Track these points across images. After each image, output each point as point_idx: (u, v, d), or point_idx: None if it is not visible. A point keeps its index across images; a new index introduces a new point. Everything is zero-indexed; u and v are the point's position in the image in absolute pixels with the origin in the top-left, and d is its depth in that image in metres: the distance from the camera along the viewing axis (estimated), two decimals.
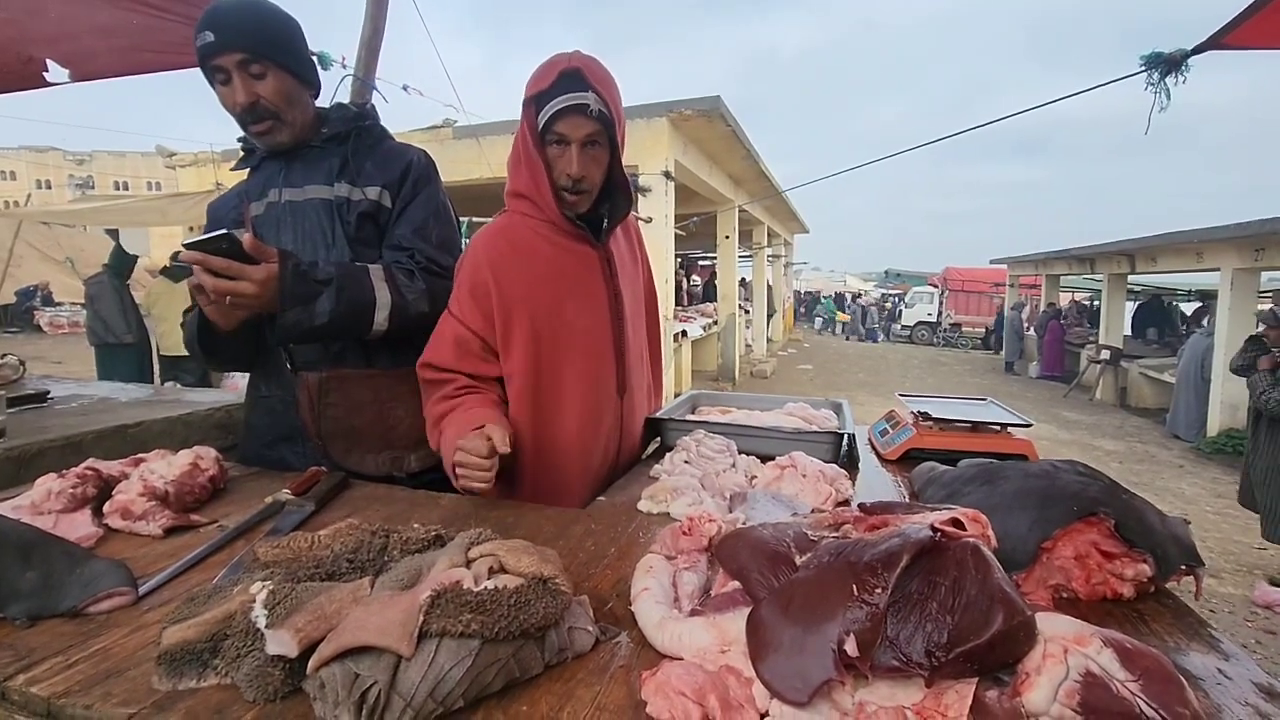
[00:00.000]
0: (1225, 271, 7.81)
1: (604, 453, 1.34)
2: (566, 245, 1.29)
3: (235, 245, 1.09)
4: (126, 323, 5.87)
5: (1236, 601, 3.78)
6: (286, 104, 1.28)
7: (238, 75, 1.22)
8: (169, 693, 0.58)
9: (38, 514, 0.89)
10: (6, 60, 2.17)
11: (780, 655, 0.55)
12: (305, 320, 1.16)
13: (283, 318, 1.15)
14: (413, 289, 1.28)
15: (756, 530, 0.71)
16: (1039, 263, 14.91)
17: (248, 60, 1.22)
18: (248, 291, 1.10)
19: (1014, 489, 0.84)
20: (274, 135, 1.30)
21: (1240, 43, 1.75)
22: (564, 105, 1.16)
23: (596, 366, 1.32)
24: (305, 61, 1.33)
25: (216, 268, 1.08)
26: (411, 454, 1.37)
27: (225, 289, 1.09)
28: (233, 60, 1.21)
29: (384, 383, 1.35)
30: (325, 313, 1.17)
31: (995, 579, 0.54)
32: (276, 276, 1.12)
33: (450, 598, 0.57)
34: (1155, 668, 0.49)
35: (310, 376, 1.32)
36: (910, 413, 1.46)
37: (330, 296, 1.18)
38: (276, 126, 1.29)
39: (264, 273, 1.11)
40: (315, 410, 1.33)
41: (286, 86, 1.27)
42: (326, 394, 1.33)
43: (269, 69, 1.24)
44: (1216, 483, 6.25)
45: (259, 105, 1.25)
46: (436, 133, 7.84)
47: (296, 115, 1.31)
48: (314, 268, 1.18)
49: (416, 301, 1.28)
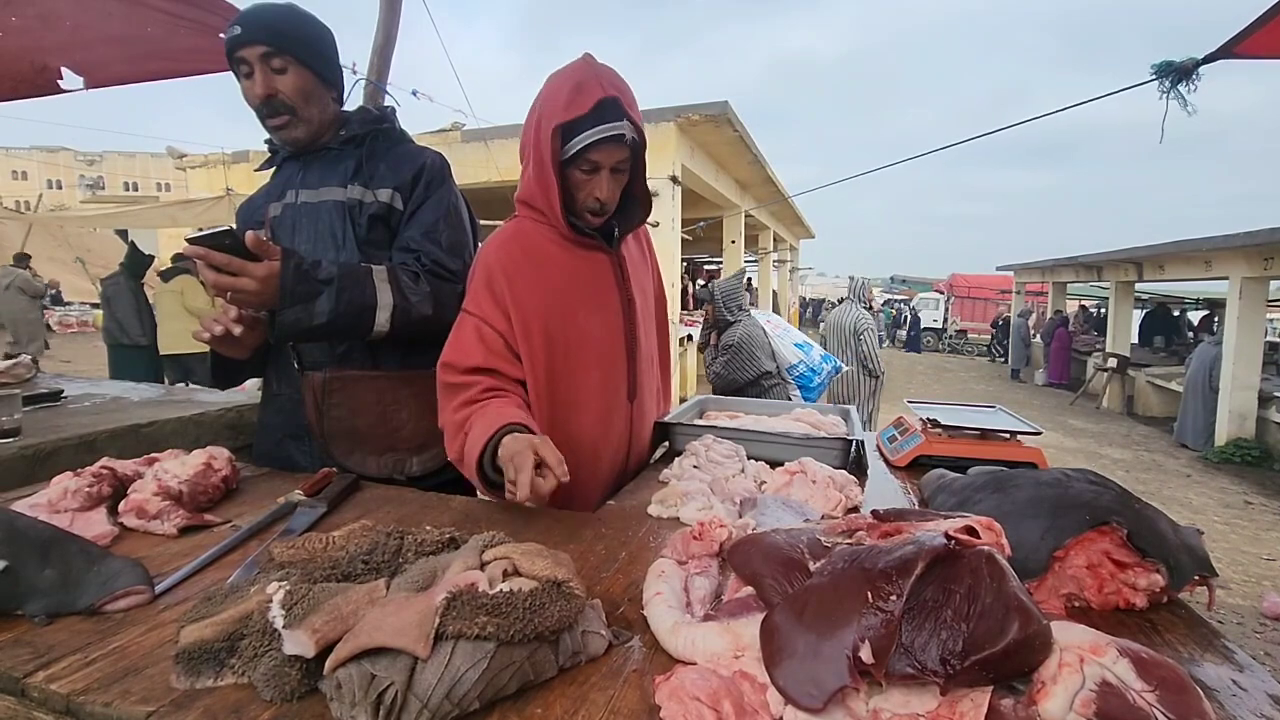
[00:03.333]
0: (1234, 280, 7.77)
1: (614, 457, 1.35)
2: (579, 252, 1.29)
3: (238, 242, 1.10)
4: (141, 324, 5.92)
5: (1245, 613, 3.75)
6: (304, 100, 1.29)
7: (259, 68, 1.25)
8: (187, 691, 0.58)
9: (54, 512, 0.90)
10: (22, 69, 2.20)
11: (795, 661, 0.55)
12: (305, 319, 1.17)
13: (282, 316, 1.16)
14: (417, 291, 1.27)
15: (770, 536, 0.71)
16: (1046, 270, 14.86)
17: (270, 54, 1.24)
18: (248, 288, 1.11)
19: (1026, 497, 0.84)
20: (289, 130, 1.31)
21: (1251, 52, 1.74)
22: (603, 136, 1.14)
23: (609, 372, 1.32)
24: (329, 62, 1.34)
25: (218, 263, 1.09)
26: (414, 457, 1.37)
27: (227, 284, 1.10)
28: (255, 53, 1.24)
29: (388, 385, 1.36)
30: (325, 312, 1.18)
31: (1010, 587, 0.54)
32: (278, 274, 1.13)
33: (466, 600, 0.57)
34: (1171, 678, 0.49)
35: (315, 376, 1.33)
36: (919, 419, 1.46)
37: (330, 296, 1.18)
38: (293, 122, 1.30)
39: (265, 270, 1.12)
40: (319, 410, 1.34)
41: (306, 83, 1.29)
42: (330, 394, 1.33)
43: (290, 64, 1.26)
44: (1224, 492, 6.20)
45: (276, 99, 1.27)
46: (445, 136, 7.88)
47: (314, 113, 1.32)
48: (316, 267, 1.18)
49: (420, 304, 1.27)
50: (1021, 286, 17.05)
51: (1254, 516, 5.46)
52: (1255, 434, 7.45)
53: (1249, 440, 7.40)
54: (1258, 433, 7.46)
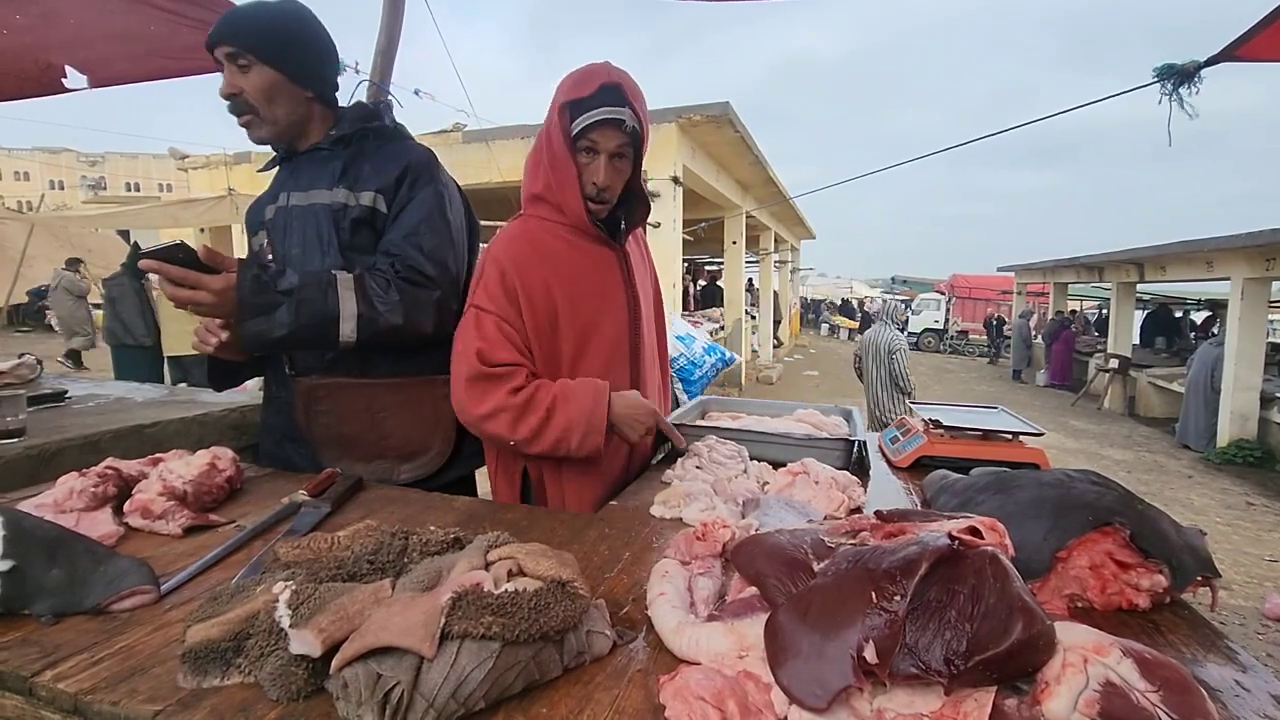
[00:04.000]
0: (1235, 281, 7.77)
1: (614, 452, 1.35)
2: (586, 247, 1.32)
3: (191, 255, 1.11)
4: (145, 325, 5.92)
5: (1247, 613, 3.74)
6: (266, 100, 1.28)
7: (226, 67, 1.26)
8: (193, 690, 0.59)
9: (60, 512, 0.91)
10: (26, 66, 2.21)
11: (799, 661, 0.55)
12: (266, 330, 1.16)
13: (244, 327, 1.15)
14: (386, 300, 1.23)
15: (774, 536, 0.71)
16: (1047, 270, 14.86)
17: (234, 53, 1.25)
18: (205, 300, 1.11)
19: (1029, 498, 0.84)
20: (254, 130, 1.31)
21: (1253, 55, 1.74)
22: (602, 117, 1.20)
23: (613, 367, 1.33)
24: (301, 62, 1.31)
25: (174, 277, 1.10)
26: (402, 464, 1.36)
27: (184, 298, 1.11)
28: (223, 52, 1.25)
29: (376, 392, 1.34)
30: (285, 324, 1.16)
31: (1014, 588, 0.54)
32: (234, 286, 1.12)
33: (471, 600, 0.58)
34: (1175, 678, 0.49)
35: (303, 382, 1.33)
36: (921, 420, 1.46)
37: (290, 308, 1.16)
38: (255, 122, 1.30)
39: (222, 282, 1.12)
40: (308, 416, 1.34)
41: (270, 83, 1.27)
42: (317, 401, 1.33)
43: (253, 64, 1.26)
44: (1226, 493, 6.20)
45: (240, 98, 1.27)
46: (446, 136, 7.89)
47: (279, 113, 1.30)
48: (278, 278, 1.17)
49: (389, 314, 1.23)
50: (1022, 287, 17.05)
51: (1256, 517, 5.46)
52: (1257, 435, 7.44)
53: (1251, 441, 7.40)
54: (1260, 434, 7.45)
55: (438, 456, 1.38)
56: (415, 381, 1.36)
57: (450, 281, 1.32)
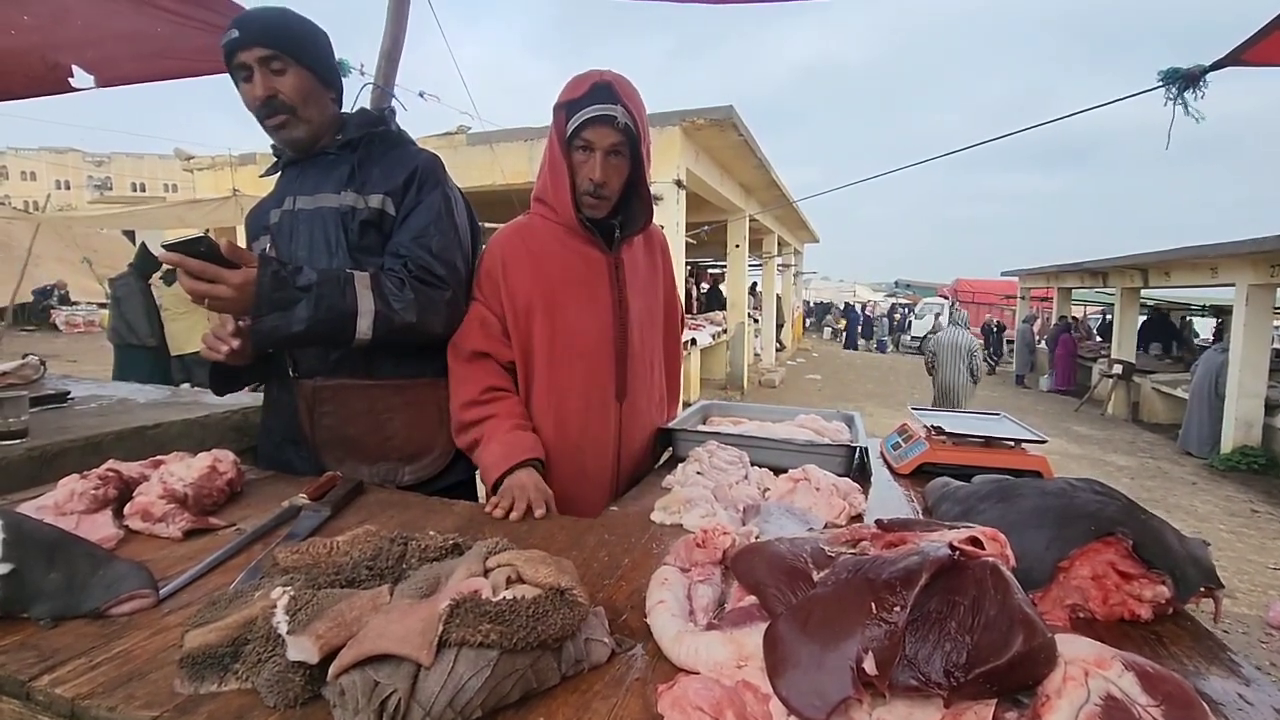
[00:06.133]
0: (1240, 287, 7.73)
1: (599, 452, 1.37)
2: (577, 248, 1.36)
3: (213, 248, 1.10)
4: (150, 325, 5.93)
5: (1251, 622, 3.72)
6: (303, 101, 1.29)
7: (259, 70, 1.25)
8: (191, 696, 0.59)
9: (60, 514, 0.91)
10: (33, 65, 2.22)
11: (798, 672, 0.55)
12: (283, 326, 1.16)
13: (260, 323, 1.15)
14: (401, 298, 1.24)
15: (773, 545, 0.71)
16: (1051, 275, 14.80)
17: (269, 56, 1.25)
18: (224, 295, 1.11)
19: (1031, 507, 0.84)
20: (289, 130, 1.31)
21: (1260, 59, 1.74)
22: (593, 115, 1.26)
23: (594, 368, 1.36)
24: (327, 64, 1.34)
25: (193, 270, 1.09)
26: (405, 466, 1.37)
27: (202, 291, 1.10)
28: (254, 56, 1.24)
29: (380, 394, 1.35)
30: (304, 319, 1.16)
31: (1015, 599, 0.53)
32: (254, 281, 1.12)
33: (469, 607, 0.57)
34: (1177, 692, 0.49)
35: (306, 384, 1.33)
36: (923, 426, 1.45)
37: (309, 303, 1.16)
38: (292, 122, 1.30)
39: (241, 277, 1.11)
40: (311, 417, 1.34)
41: (305, 84, 1.29)
42: (321, 402, 1.33)
43: (289, 65, 1.26)
44: (1230, 500, 6.16)
45: (276, 99, 1.27)
46: (450, 139, 7.90)
47: (314, 113, 1.32)
48: (296, 274, 1.17)
49: (403, 311, 1.24)
50: (1026, 292, 17.00)
51: (1260, 525, 5.43)
52: (1262, 441, 7.40)
53: (1255, 448, 7.35)
54: (1264, 440, 7.41)
55: (441, 457, 1.39)
56: (419, 383, 1.37)
57: (460, 282, 1.34)
